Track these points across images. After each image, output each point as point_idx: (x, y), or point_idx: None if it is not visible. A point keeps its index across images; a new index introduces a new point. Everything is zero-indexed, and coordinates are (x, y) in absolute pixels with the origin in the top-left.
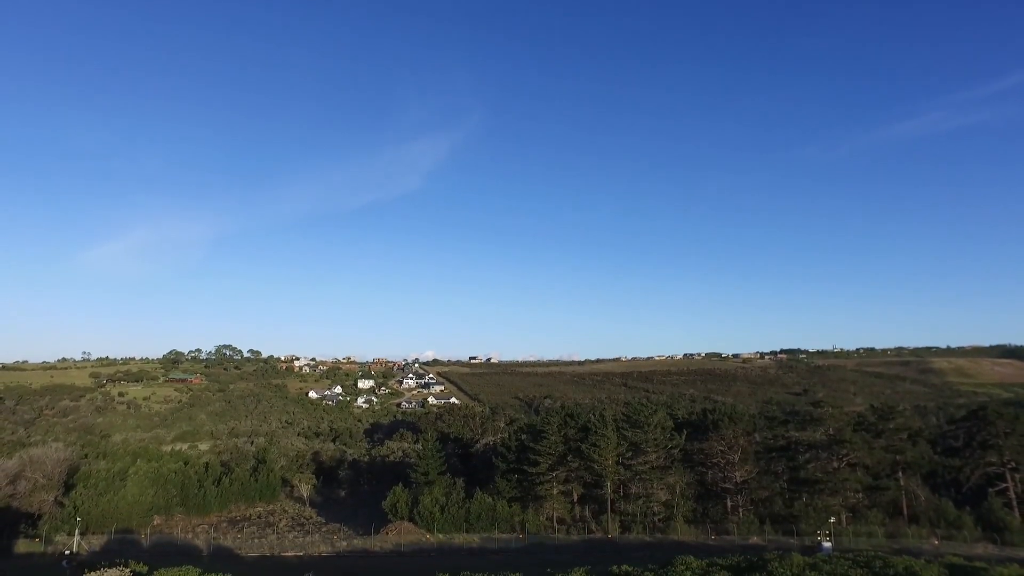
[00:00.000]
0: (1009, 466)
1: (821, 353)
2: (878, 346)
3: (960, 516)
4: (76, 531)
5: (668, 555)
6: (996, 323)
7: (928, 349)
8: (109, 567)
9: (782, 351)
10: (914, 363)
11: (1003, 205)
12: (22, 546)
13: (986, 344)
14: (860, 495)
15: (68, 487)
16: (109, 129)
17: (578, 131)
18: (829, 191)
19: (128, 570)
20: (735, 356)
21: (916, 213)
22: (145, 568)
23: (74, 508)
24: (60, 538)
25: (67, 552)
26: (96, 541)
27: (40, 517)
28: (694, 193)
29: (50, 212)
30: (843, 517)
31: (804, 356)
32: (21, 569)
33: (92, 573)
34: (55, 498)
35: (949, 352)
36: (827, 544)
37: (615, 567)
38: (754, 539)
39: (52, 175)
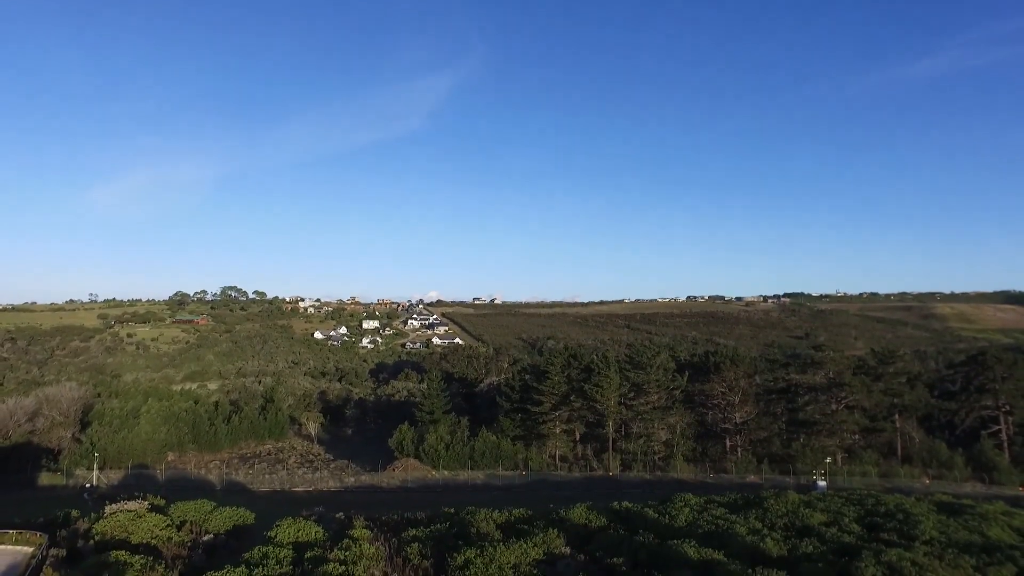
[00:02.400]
0: (1004, 409)
1: (824, 297)
2: (882, 291)
3: (952, 457)
4: (95, 466)
5: (667, 492)
6: (1001, 269)
7: (931, 294)
8: (129, 500)
9: (785, 295)
10: (916, 308)
11: (1012, 150)
12: (45, 479)
13: (990, 290)
14: (856, 436)
15: (84, 425)
16: (107, 68)
17: (582, 70)
18: (837, 132)
19: (146, 503)
20: (738, 299)
21: (924, 157)
22: (163, 501)
23: (91, 444)
24: (80, 472)
25: (88, 485)
26: (114, 476)
27: (60, 452)
28: (700, 134)
29: (51, 153)
30: (839, 457)
31: (807, 300)
32: (46, 500)
33: (113, 505)
34: (72, 435)
35: (952, 297)
36: (822, 483)
37: (615, 503)
38: (751, 478)
39: (51, 115)
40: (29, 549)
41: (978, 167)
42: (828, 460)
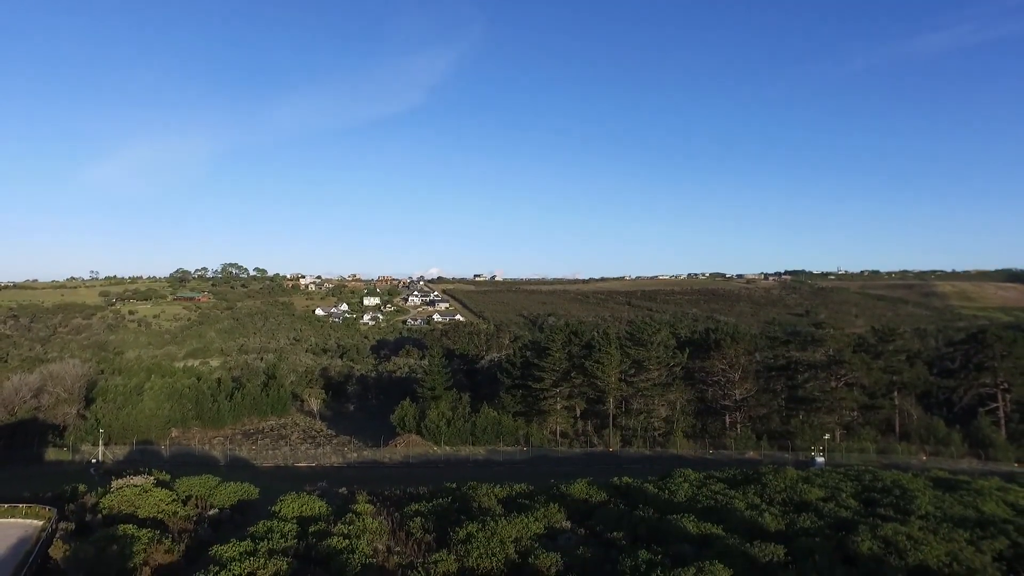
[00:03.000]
0: (1002, 387)
1: (825, 275)
2: (883, 269)
3: (950, 434)
4: (100, 441)
5: (667, 468)
6: (1003, 247)
7: (933, 272)
8: (135, 475)
9: (786, 272)
10: (918, 286)
11: (1016, 127)
12: (52, 454)
13: (991, 268)
14: (855, 413)
15: (88, 401)
16: (106, 43)
17: (583, 43)
18: (840, 108)
19: (152, 478)
20: (739, 276)
21: (927, 134)
22: (168, 476)
23: (96, 421)
24: (86, 447)
25: (93, 460)
26: (119, 451)
27: (65, 428)
28: (702, 109)
29: (50, 128)
30: (837, 434)
31: (808, 278)
32: (53, 475)
33: (119, 480)
34: (77, 411)
35: (954, 276)
36: (820, 459)
37: (616, 479)
38: (750, 454)
39: (49, 90)
40: (39, 522)
41: (981, 144)
42: (827, 437)
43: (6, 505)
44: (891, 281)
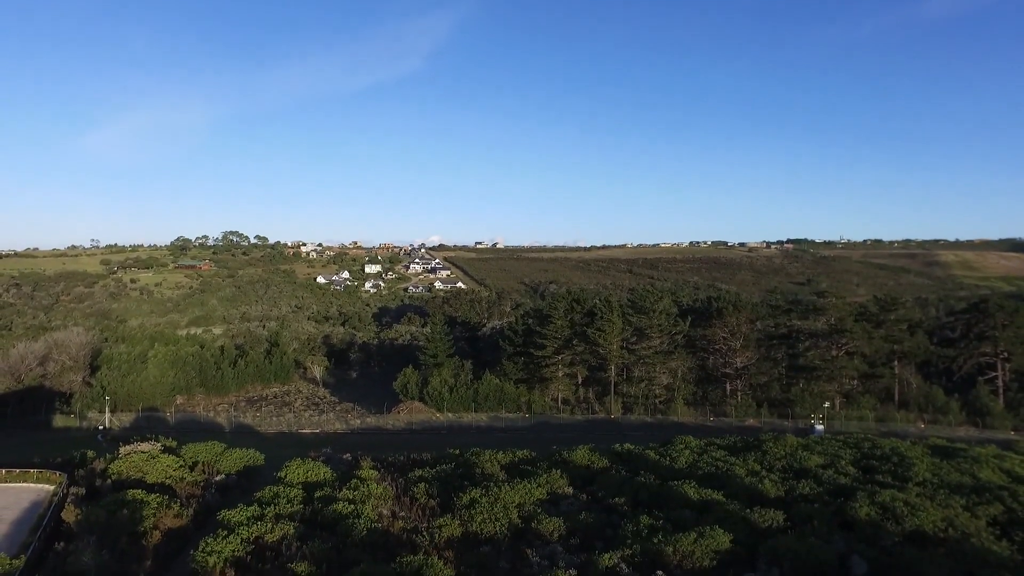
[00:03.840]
0: (1002, 356)
1: (828, 244)
2: (886, 238)
3: (948, 402)
4: (106, 409)
5: (668, 435)
6: (1007, 216)
7: (936, 241)
8: (142, 441)
9: (789, 241)
10: (920, 255)
11: (1022, 96)
12: (59, 421)
13: (995, 237)
14: (855, 382)
15: (93, 369)
16: (103, 7)
17: (583, 5)
18: (844, 76)
19: (159, 445)
20: (741, 245)
21: (933, 102)
22: (174, 443)
23: (101, 388)
24: (92, 414)
25: (101, 427)
26: (125, 418)
27: (72, 396)
28: (706, 73)
29: (47, 95)
30: (837, 402)
31: (810, 247)
32: (61, 441)
33: (127, 446)
34: (83, 378)
35: (957, 245)
36: (819, 427)
37: (617, 445)
38: (750, 421)
39: (47, 55)
40: (51, 487)
41: (987, 113)
42: (826, 405)
43: (18, 470)
44: (894, 250)
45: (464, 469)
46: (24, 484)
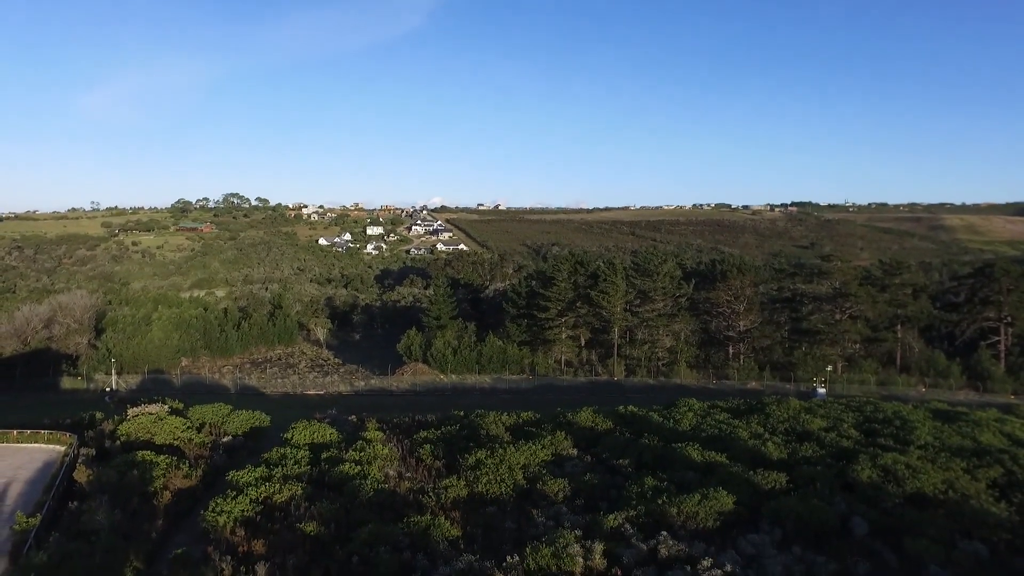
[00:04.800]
0: (1005, 321)
1: (832, 207)
2: (891, 201)
3: (950, 366)
4: (113, 371)
5: (671, 397)
6: (1015, 180)
7: (941, 205)
8: (149, 403)
9: (793, 204)
10: (925, 219)
11: None
12: (67, 383)
13: (1002, 201)
14: (858, 346)
15: (98, 331)
16: None
17: None
18: (852, 35)
19: (166, 406)
20: (745, 208)
21: (940, 62)
22: (181, 405)
23: (107, 350)
24: (99, 377)
25: (108, 389)
26: (132, 380)
27: (78, 358)
28: (709, 37)
29: (45, 56)
30: (839, 366)
31: (814, 210)
32: (70, 403)
33: (135, 408)
34: (88, 341)
35: (963, 209)
36: (821, 390)
37: (621, 407)
38: (752, 384)
39: (44, 16)
40: (61, 448)
41: (995, 74)
42: (828, 368)
43: (29, 431)
44: (899, 214)
45: (469, 431)
46: (36, 445)
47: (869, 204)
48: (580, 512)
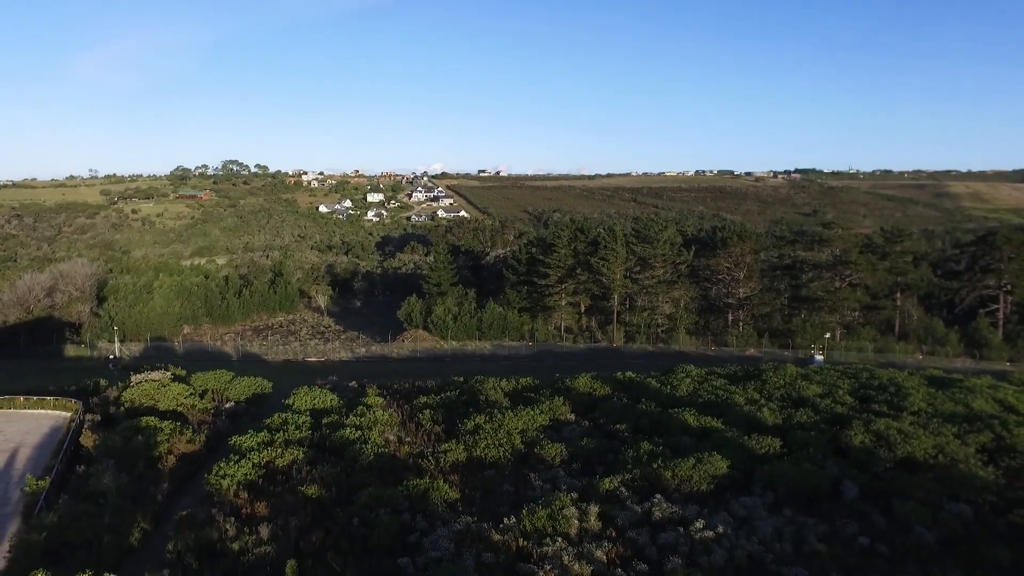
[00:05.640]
0: (1005, 289)
1: (836, 174)
2: (896, 168)
3: (948, 334)
4: (115, 339)
5: (669, 363)
6: (1022, 146)
7: (947, 172)
8: (152, 370)
9: (796, 170)
10: (930, 186)
11: None
12: (70, 350)
13: (1009, 168)
14: (857, 313)
15: (100, 299)
16: None
17: None
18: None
19: (169, 373)
20: (748, 174)
21: (947, 25)
22: (184, 372)
23: (109, 318)
24: (102, 344)
25: (111, 357)
26: (134, 347)
27: (81, 326)
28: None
29: (39, 19)
30: (837, 333)
31: (818, 177)
32: (74, 370)
33: (138, 375)
34: (91, 309)
35: (969, 176)
36: (819, 357)
37: (619, 373)
38: (751, 351)
39: None
40: (67, 414)
41: (1005, 39)
42: (827, 335)
43: (35, 397)
44: (903, 181)
45: (468, 396)
46: (42, 411)
47: (874, 171)
48: (577, 476)
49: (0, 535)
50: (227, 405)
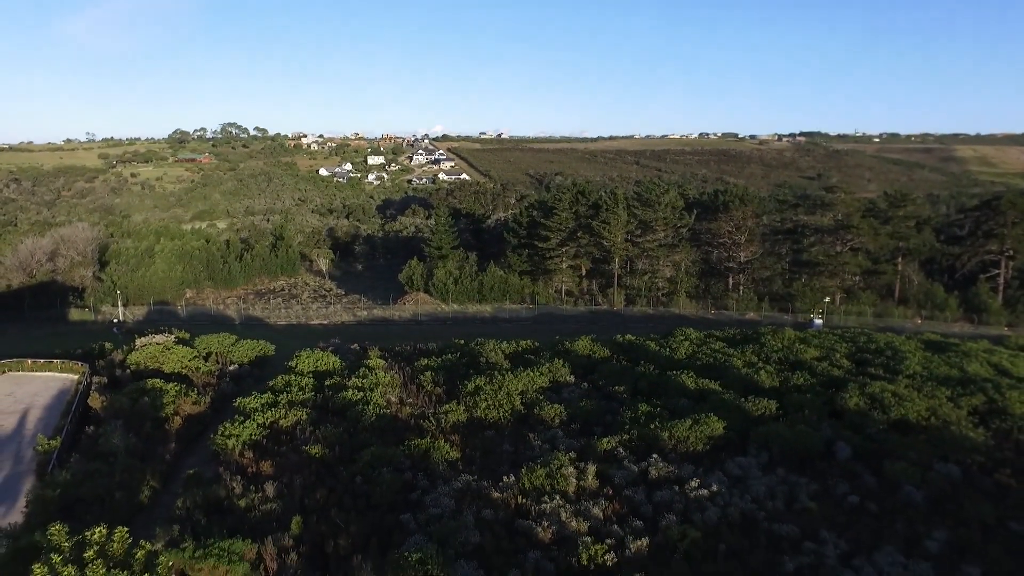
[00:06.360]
0: (1007, 254)
1: (842, 137)
2: (904, 131)
3: (947, 299)
4: (119, 303)
5: (669, 326)
6: None
7: (955, 136)
8: (156, 333)
9: (802, 134)
10: (937, 150)
11: None
12: (74, 314)
13: (1018, 131)
14: (857, 278)
15: (102, 264)
16: None
17: None
18: None
19: (173, 336)
20: (752, 137)
21: None
22: (187, 335)
23: (112, 283)
24: (106, 308)
25: (115, 320)
26: (138, 312)
27: (84, 290)
28: None
29: None
30: (837, 297)
31: (823, 140)
32: (78, 334)
33: (143, 339)
34: (93, 273)
35: (977, 139)
36: (818, 321)
37: (619, 336)
38: (751, 315)
39: None
40: (74, 376)
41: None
42: (827, 300)
43: (42, 360)
44: (910, 145)
45: (469, 358)
46: (50, 373)
47: (880, 134)
48: (575, 436)
49: (16, 491)
50: (231, 368)
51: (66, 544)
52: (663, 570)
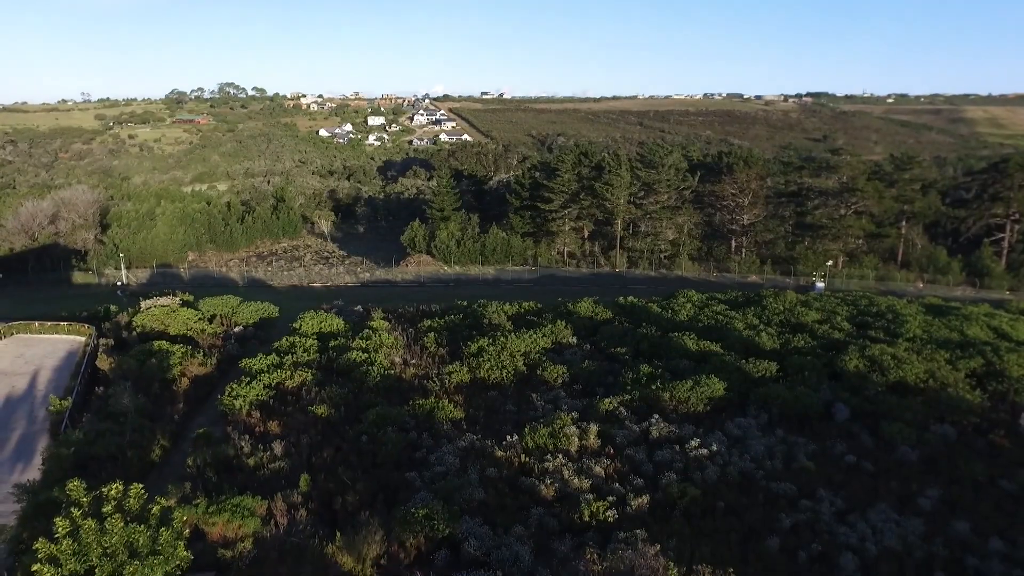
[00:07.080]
0: (1012, 217)
1: (849, 98)
2: (912, 92)
3: (950, 263)
4: (122, 265)
5: (671, 289)
6: None
7: (965, 96)
8: (160, 296)
9: (808, 94)
10: (946, 111)
11: None
12: (78, 277)
13: None
14: (861, 241)
15: (104, 227)
16: None
17: None
18: None
19: (177, 299)
20: (757, 98)
21: None
22: (191, 297)
23: (114, 246)
24: (109, 271)
25: (119, 283)
26: (141, 274)
27: (87, 253)
28: None
29: None
30: (840, 261)
31: (830, 101)
32: (83, 297)
33: (147, 301)
34: (95, 236)
35: (988, 100)
36: (820, 284)
37: (621, 298)
38: (753, 278)
39: None
40: (81, 338)
41: None
42: (829, 263)
43: (49, 323)
44: (919, 106)
45: (472, 320)
46: (57, 336)
47: (888, 95)
48: (578, 396)
49: (32, 450)
50: (236, 329)
51: (84, 499)
52: (663, 526)
